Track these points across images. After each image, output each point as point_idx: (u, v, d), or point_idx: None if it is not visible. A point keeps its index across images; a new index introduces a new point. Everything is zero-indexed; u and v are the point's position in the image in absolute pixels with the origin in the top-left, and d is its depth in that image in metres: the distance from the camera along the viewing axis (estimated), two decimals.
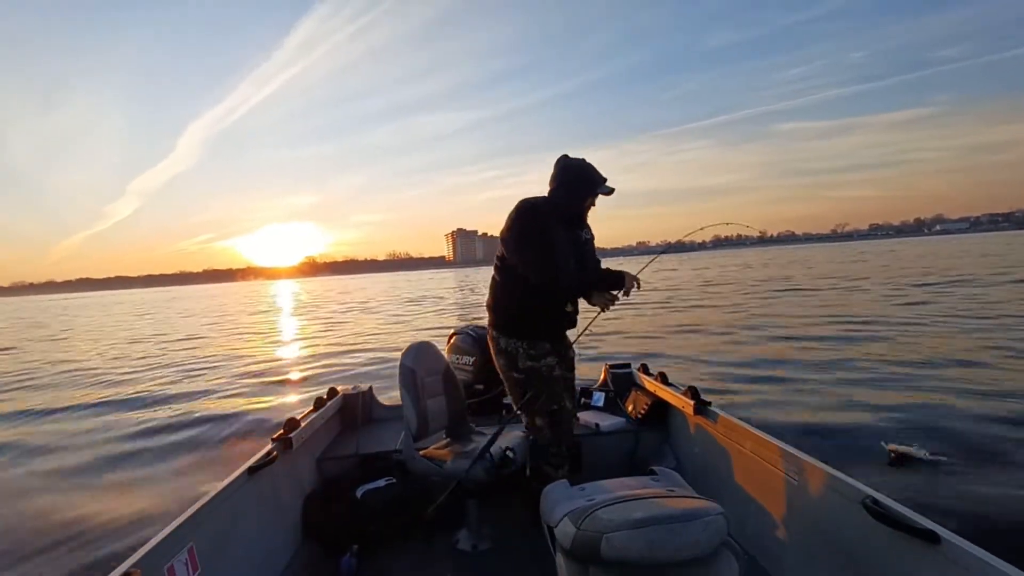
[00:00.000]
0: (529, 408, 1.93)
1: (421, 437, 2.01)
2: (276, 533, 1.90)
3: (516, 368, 1.94)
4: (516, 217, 1.86)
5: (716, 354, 6.56)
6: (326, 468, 2.34)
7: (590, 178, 1.91)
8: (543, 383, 1.91)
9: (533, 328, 1.94)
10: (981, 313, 8.41)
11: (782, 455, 1.64)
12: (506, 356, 1.96)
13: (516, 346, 1.94)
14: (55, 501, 3.39)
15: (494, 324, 2.03)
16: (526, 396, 1.91)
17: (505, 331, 1.97)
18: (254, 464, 1.77)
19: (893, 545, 1.22)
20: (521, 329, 1.95)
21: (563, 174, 1.92)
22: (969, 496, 2.59)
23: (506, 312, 1.98)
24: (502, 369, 2.00)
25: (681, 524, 1.16)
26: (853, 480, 1.38)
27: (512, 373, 1.96)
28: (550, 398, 1.92)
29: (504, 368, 1.99)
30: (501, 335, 1.98)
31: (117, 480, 3.71)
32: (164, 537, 1.29)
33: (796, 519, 1.58)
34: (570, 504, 1.34)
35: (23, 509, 3.31)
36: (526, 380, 1.93)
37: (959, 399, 4.09)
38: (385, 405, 2.87)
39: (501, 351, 1.98)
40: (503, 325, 1.99)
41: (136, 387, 7.14)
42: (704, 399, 2.09)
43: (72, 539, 2.81)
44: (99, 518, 3.04)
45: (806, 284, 16.59)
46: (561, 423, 1.94)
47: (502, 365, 2.00)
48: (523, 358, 1.92)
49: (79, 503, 3.31)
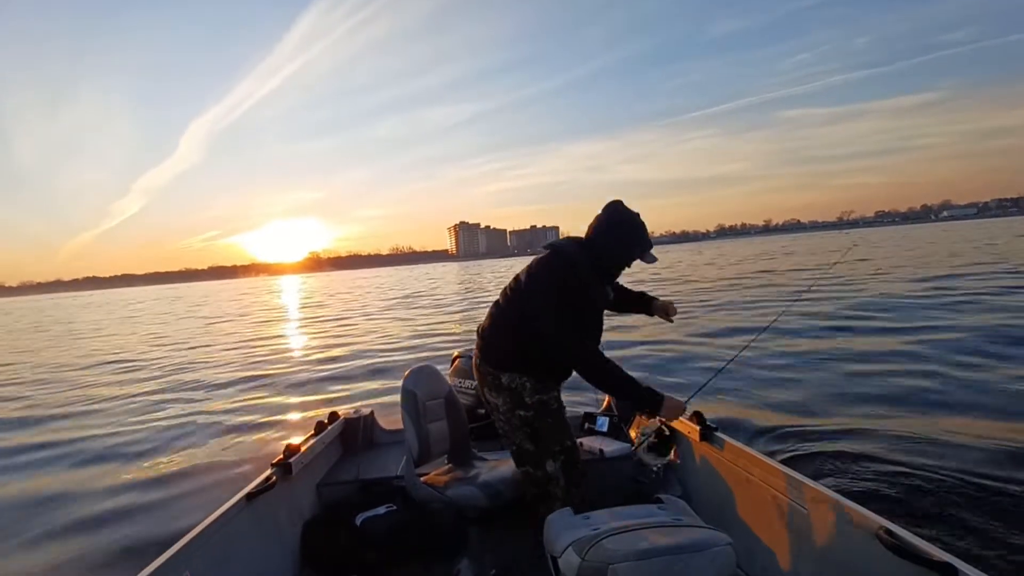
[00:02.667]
0: (537, 452, 1.74)
1: (423, 462, 1.98)
2: (274, 561, 1.87)
3: (522, 405, 1.75)
4: (551, 272, 1.70)
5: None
6: (326, 494, 2.32)
7: (646, 239, 1.74)
8: (554, 417, 1.77)
9: (543, 369, 1.77)
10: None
11: (792, 484, 1.59)
12: (510, 393, 1.76)
13: (521, 382, 1.76)
14: (44, 526, 3.32)
15: (491, 360, 1.81)
16: (536, 436, 1.72)
17: (504, 366, 1.78)
18: (252, 490, 1.75)
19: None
20: (526, 366, 1.76)
21: (619, 227, 1.72)
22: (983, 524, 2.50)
23: (515, 352, 1.77)
24: (502, 409, 1.80)
25: (689, 555, 1.15)
26: (867, 510, 1.34)
27: (518, 411, 1.75)
28: (562, 434, 1.78)
29: (505, 407, 1.78)
30: (501, 371, 1.78)
31: (110, 504, 3.58)
32: (159, 565, 1.27)
33: (807, 551, 1.53)
34: (574, 533, 1.31)
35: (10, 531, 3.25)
36: (535, 417, 1.74)
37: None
38: (387, 429, 2.85)
39: (502, 388, 1.78)
40: (502, 360, 1.79)
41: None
42: (710, 424, 2.04)
43: (64, 568, 2.76)
44: (89, 546, 2.96)
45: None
46: (575, 464, 1.79)
47: (502, 404, 1.79)
48: (529, 393, 1.75)
49: (68, 529, 3.23)
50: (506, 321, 1.81)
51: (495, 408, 1.83)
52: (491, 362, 1.82)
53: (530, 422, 1.75)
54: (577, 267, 1.70)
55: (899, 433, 3.68)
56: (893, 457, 3.32)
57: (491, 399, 1.83)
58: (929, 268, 15.44)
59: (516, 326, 1.78)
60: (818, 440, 3.68)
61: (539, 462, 1.75)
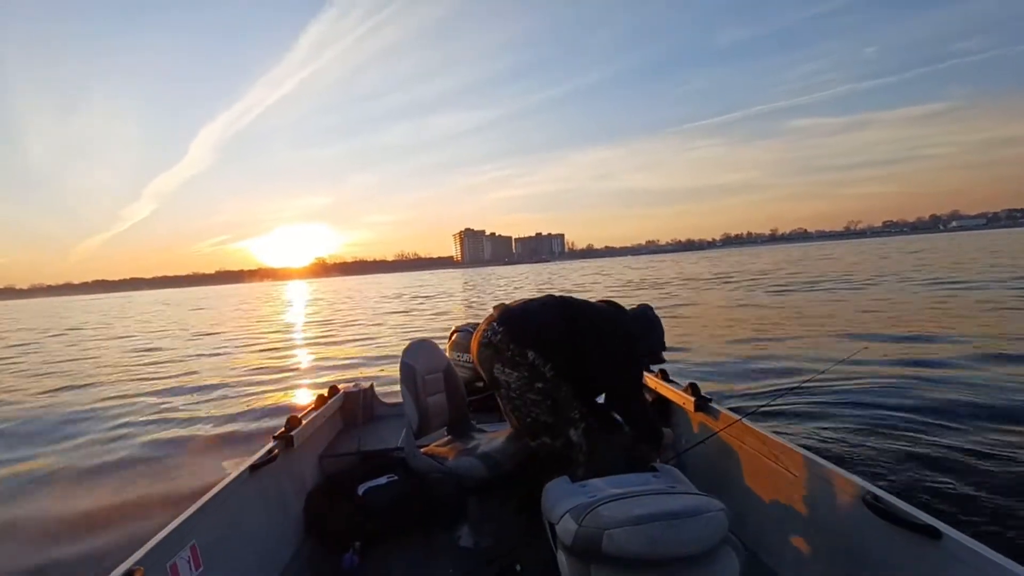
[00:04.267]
0: (557, 422, 1.77)
1: (422, 434, 2.01)
2: (278, 530, 1.91)
3: (542, 378, 1.76)
4: (622, 342, 1.88)
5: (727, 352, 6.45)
6: (328, 466, 2.36)
7: (663, 343, 2.04)
8: (566, 388, 1.80)
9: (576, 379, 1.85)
10: None
11: (783, 452, 1.63)
12: (530, 368, 1.77)
13: (543, 360, 1.78)
14: (55, 501, 3.43)
15: (521, 340, 1.78)
16: (555, 407, 1.76)
17: (535, 347, 1.78)
18: (256, 462, 1.79)
19: (894, 541, 1.21)
20: (557, 362, 1.79)
21: (655, 325, 2.03)
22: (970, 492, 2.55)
23: (558, 353, 1.80)
24: (514, 385, 1.79)
25: (682, 520, 1.17)
26: (854, 476, 1.38)
27: (536, 384, 1.76)
28: (576, 401, 1.81)
29: (521, 382, 1.77)
30: (528, 348, 1.78)
31: (118, 478, 3.74)
32: (167, 535, 1.30)
33: (797, 515, 1.57)
34: (571, 501, 1.34)
35: (23, 507, 3.36)
36: (553, 387, 1.76)
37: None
38: (386, 403, 2.89)
39: (522, 364, 1.77)
40: (536, 344, 1.79)
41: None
42: (705, 396, 2.08)
43: (73, 538, 2.84)
44: (99, 517, 3.07)
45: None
46: (593, 429, 1.83)
47: (516, 379, 1.78)
48: (549, 369, 1.78)
49: (80, 501, 3.34)
50: (560, 337, 1.85)
51: (505, 384, 1.80)
52: (520, 341, 1.80)
53: (549, 393, 1.77)
54: (635, 343, 1.95)
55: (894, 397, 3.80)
56: (883, 429, 3.42)
57: (502, 375, 1.80)
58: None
59: (565, 342, 1.84)
60: (808, 409, 3.79)
61: (559, 432, 1.77)
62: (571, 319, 1.87)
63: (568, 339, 1.83)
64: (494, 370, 1.83)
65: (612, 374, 1.89)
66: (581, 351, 1.83)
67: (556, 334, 1.83)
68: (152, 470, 3.86)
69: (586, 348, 1.84)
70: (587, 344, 1.84)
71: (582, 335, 1.85)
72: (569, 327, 1.85)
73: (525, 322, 1.85)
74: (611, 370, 1.88)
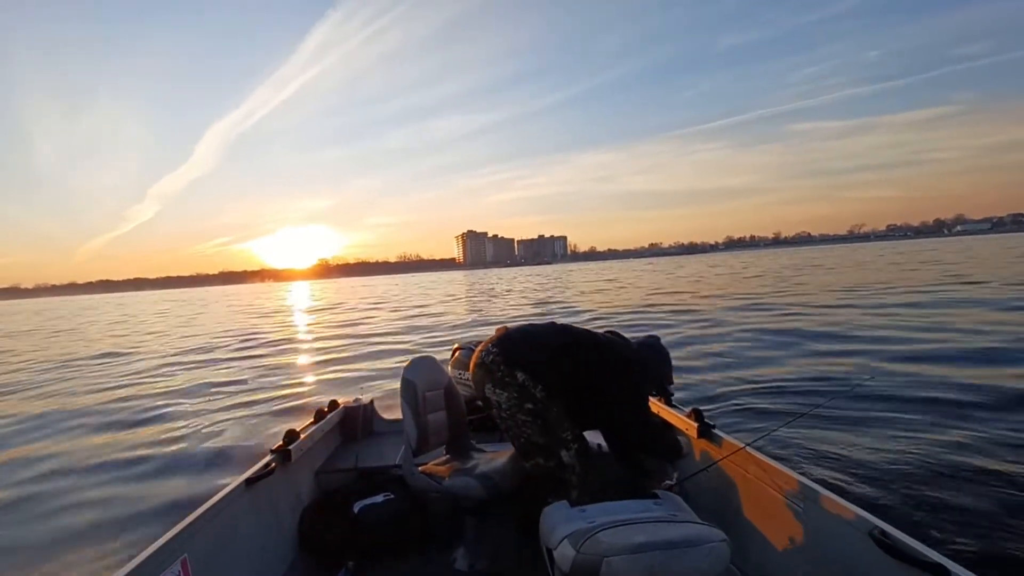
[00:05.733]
0: (549, 443, 1.73)
1: (421, 452, 1.98)
2: (272, 546, 1.89)
3: (531, 399, 1.73)
4: (637, 373, 1.90)
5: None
6: (324, 481, 2.34)
7: (671, 376, 2.09)
8: (558, 408, 1.76)
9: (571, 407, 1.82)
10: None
11: (788, 482, 1.58)
12: (519, 389, 1.74)
13: (533, 381, 1.74)
14: (47, 510, 3.37)
15: (514, 362, 1.76)
16: (546, 428, 1.72)
17: (525, 369, 1.76)
18: (252, 475, 1.77)
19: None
20: (545, 376, 1.76)
21: (663, 356, 2.06)
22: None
23: (550, 378, 1.76)
24: (505, 405, 1.77)
25: (683, 550, 1.15)
26: (861, 510, 1.33)
27: (526, 405, 1.73)
28: (568, 422, 1.77)
29: (511, 402, 1.75)
30: (519, 370, 1.75)
31: (108, 490, 3.64)
32: (157, 548, 1.28)
33: (801, 549, 1.52)
34: (570, 526, 1.32)
35: (16, 516, 3.30)
36: (544, 408, 1.73)
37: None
38: (386, 419, 2.86)
39: (511, 384, 1.75)
40: (528, 367, 1.76)
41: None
42: (708, 422, 2.03)
43: (62, 550, 2.75)
44: (87, 530, 2.97)
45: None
46: (587, 451, 1.80)
47: (506, 400, 1.76)
48: (539, 390, 1.74)
49: (65, 513, 3.26)
50: (557, 354, 1.83)
51: (496, 404, 1.79)
52: (511, 363, 1.78)
53: (540, 413, 1.74)
54: (648, 371, 2.00)
55: (900, 434, 3.68)
56: (891, 457, 3.32)
57: (493, 395, 1.79)
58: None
59: (565, 358, 1.83)
60: (813, 436, 3.71)
61: (551, 452, 1.73)
62: (569, 345, 1.84)
63: (561, 362, 1.80)
64: (486, 390, 1.81)
65: (613, 398, 1.85)
66: (576, 375, 1.81)
67: (548, 354, 1.80)
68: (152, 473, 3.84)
69: (581, 372, 1.81)
70: (582, 368, 1.81)
71: (577, 358, 1.82)
72: (565, 351, 1.82)
73: (520, 344, 1.83)
74: (612, 393, 1.85)
